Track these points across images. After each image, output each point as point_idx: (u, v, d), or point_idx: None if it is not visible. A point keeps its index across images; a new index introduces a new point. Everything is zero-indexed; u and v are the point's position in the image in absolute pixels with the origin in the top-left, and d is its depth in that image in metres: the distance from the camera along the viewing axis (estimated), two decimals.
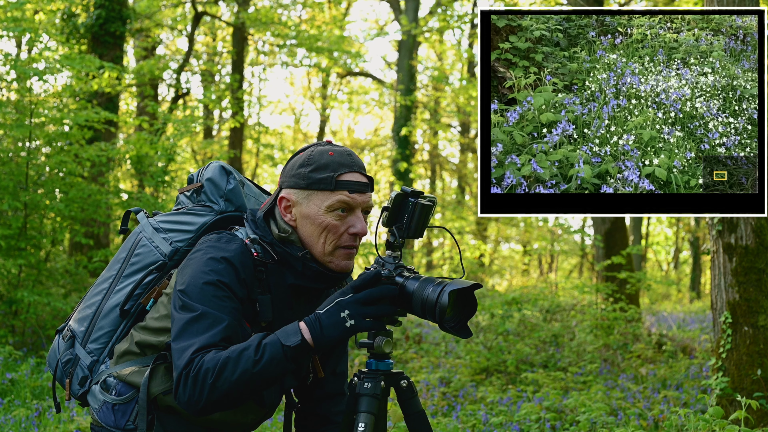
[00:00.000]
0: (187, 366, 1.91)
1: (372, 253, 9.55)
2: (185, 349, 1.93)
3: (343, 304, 1.90)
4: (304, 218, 2.08)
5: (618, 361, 7.66)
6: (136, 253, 2.20)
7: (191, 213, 2.23)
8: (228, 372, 1.87)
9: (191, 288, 2.00)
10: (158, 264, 2.18)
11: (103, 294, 2.21)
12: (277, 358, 1.87)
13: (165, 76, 16.53)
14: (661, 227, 27.18)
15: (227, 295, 2.00)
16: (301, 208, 2.09)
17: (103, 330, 2.18)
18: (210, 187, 2.25)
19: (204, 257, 2.05)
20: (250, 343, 1.89)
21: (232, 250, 2.06)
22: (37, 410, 5.12)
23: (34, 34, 9.61)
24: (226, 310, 1.98)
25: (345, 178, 2.07)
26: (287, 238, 2.10)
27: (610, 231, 9.86)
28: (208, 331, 1.94)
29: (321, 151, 2.09)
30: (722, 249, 4.80)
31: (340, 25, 19.45)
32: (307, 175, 2.07)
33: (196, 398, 1.89)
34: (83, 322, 2.21)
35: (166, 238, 2.19)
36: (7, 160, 8.56)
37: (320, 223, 2.07)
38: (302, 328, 1.90)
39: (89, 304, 2.22)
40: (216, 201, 2.24)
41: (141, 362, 2.12)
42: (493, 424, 5.04)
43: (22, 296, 7.56)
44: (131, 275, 2.19)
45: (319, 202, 2.07)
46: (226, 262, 2.03)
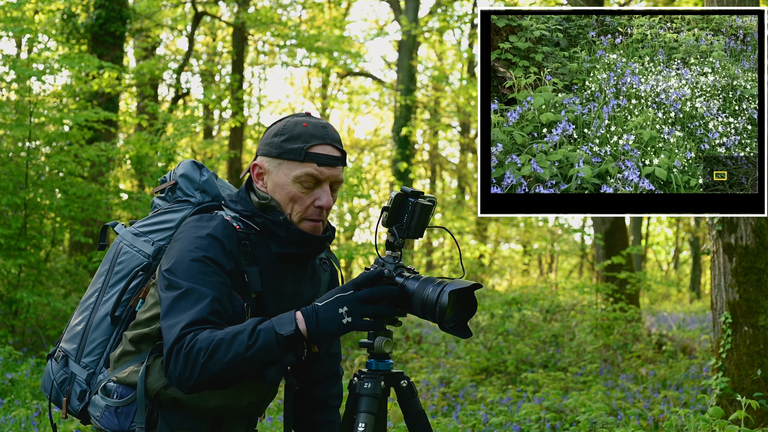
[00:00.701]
0: (178, 341, 1.91)
1: (372, 253, 9.55)
2: (174, 326, 1.93)
3: (343, 300, 1.90)
4: (275, 186, 2.11)
5: (618, 361, 7.66)
6: (119, 261, 2.20)
7: (169, 211, 2.23)
8: (221, 354, 1.87)
9: (177, 267, 2.01)
10: (143, 265, 2.17)
11: (90, 309, 2.20)
12: (269, 345, 1.88)
13: (165, 76, 16.53)
14: (661, 227, 27.18)
15: (214, 270, 2.01)
16: (272, 176, 2.12)
17: (96, 341, 2.17)
18: (184, 182, 2.25)
19: (188, 237, 2.06)
20: (245, 327, 1.89)
21: (214, 226, 2.07)
22: (37, 410, 5.12)
23: (33, 35, 9.61)
24: (212, 285, 1.99)
25: (315, 150, 2.09)
26: (268, 203, 2.11)
27: (610, 231, 9.86)
28: (196, 306, 1.94)
29: (296, 121, 2.12)
30: (722, 249, 4.80)
31: (340, 25, 19.44)
32: (279, 144, 2.10)
33: (187, 375, 1.90)
34: (74, 340, 2.20)
35: (148, 240, 2.19)
36: (7, 160, 8.56)
37: (287, 193, 2.10)
38: (298, 318, 1.90)
39: (78, 321, 2.21)
40: (192, 194, 2.24)
41: (138, 359, 2.11)
42: (493, 424, 5.04)
43: (22, 296, 7.56)
44: (117, 283, 2.18)
45: (288, 171, 2.09)
46: (210, 238, 2.04)
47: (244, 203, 2.15)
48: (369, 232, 18.54)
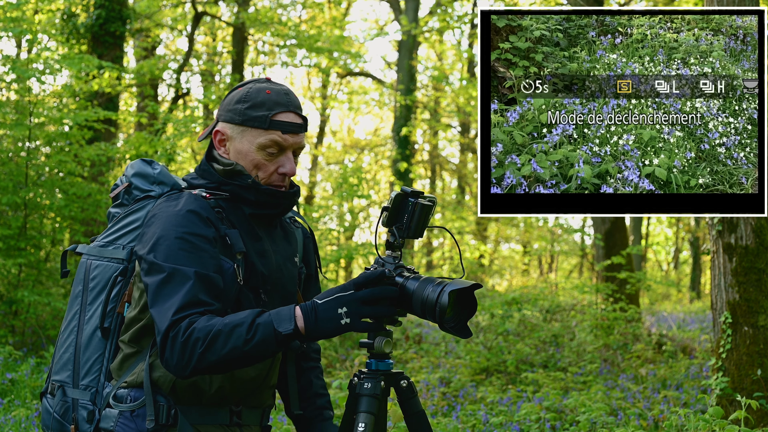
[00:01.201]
0: (172, 327, 1.89)
1: (372, 253, 9.55)
2: (165, 311, 1.91)
3: (343, 300, 1.89)
4: (237, 153, 2.11)
5: (618, 361, 7.66)
6: (92, 277, 2.15)
7: (131, 212, 2.20)
8: (218, 346, 1.86)
9: (157, 249, 1.98)
10: (120, 270, 2.13)
11: (75, 332, 2.15)
12: (267, 340, 1.87)
13: (165, 76, 16.53)
14: (661, 227, 27.18)
15: (196, 244, 1.99)
16: (235, 143, 2.11)
17: (90, 360, 2.12)
18: (139, 180, 2.23)
19: (162, 217, 2.03)
20: (243, 320, 1.88)
21: (184, 201, 2.06)
22: (37, 410, 5.12)
23: (33, 35, 9.61)
24: (196, 262, 1.96)
25: (279, 118, 2.09)
26: (233, 169, 2.11)
27: (610, 231, 9.86)
28: (183, 288, 1.93)
29: (259, 88, 2.12)
30: (722, 249, 4.80)
31: (340, 25, 19.44)
32: (243, 111, 2.10)
33: (184, 364, 1.89)
34: (66, 367, 2.14)
35: (117, 246, 2.15)
36: (7, 160, 8.57)
37: (251, 160, 2.10)
38: (297, 316, 1.89)
39: (64, 350, 2.16)
40: (150, 188, 2.22)
41: (143, 357, 2.08)
42: (493, 424, 5.04)
43: (22, 296, 7.56)
44: (97, 297, 2.14)
45: (252, 139, 2.09)
46: (185, 212, 2.03)
47: (207, 176, 2.14)
48: (369, 232, 18.54)
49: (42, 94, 9.64)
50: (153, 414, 2.02)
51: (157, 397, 2.05)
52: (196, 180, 2.16)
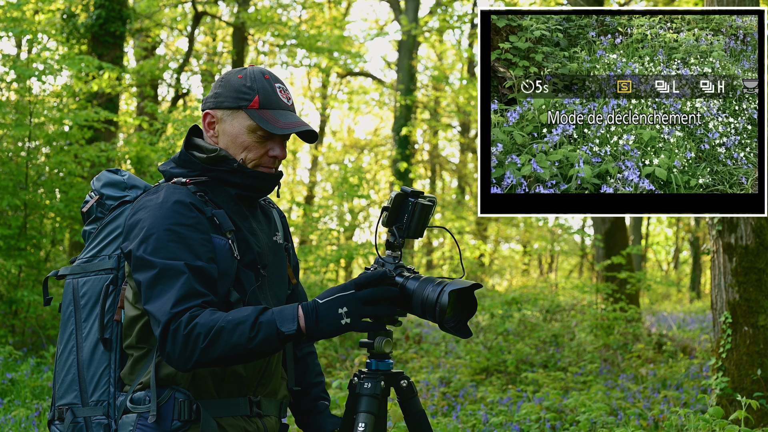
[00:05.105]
0: (173, 321, 1.89)
1: (372, 253, 9.55)
2: (163, 305, 1.90)
3: (343, 300, 1.89)
4: (226, 135, 2.12)
5: (618, 361, 7.66)
6: (81, 295, 2.12)
7: (110, 222, 2.17)
8: (221, 342, 1.87)
9: (146, 244, 1.96)
10: (110, 279, 2.10)
11: (74, 352, 2.10)
12: (270, 339, 1.88)
13: (165, 76, 16.54)
14: (661, 227, 27.18)
15: (183, 235, 1.98)
16: (224, 125, 2.12)
17: (97, 374, 2.08)
18: (111, 190, 2.21)
19: (146, 212, 2.02)
20: (246, 318, 1.88)
21: (165, 192, 2.06)
22: (37, 410, 5.12)
23: (33, 35, 9.61)
24: (187, 252, 1.96)
25: None
26: (218, 155, 2.11)
27: (610, 231, 9.86)
28: (177, 281, 1.92)
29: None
30: (722, 249, 4.80)
31: (340, 25, 19.44)
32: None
33: (186, 357, 1.89)
34: (71, 389, 2.09)
35: (102, 258, 2.13)
36: (7, 160, 8.57)
37: (241, 143, 2.11)
38: (299, 315, 1.89)
39: (65, 372, 2.11)
40: (123, 194, 2.21)
41: (153, 355, 2.05)
42: (493, 424, 5.04)
43: (22, 296, 7.56)
44: (91, 312, 2.10)
45: (243, 121, 2.11)
46: (170, 203, 2.02)
47: (188, 165, 2.13)
48: (369, 232, 18.53)
49: (42, 94, 9.63)
50: (155, 410, 1.99)
51: (176, 393, 2.02)
52: (175, 169, 2.15)
